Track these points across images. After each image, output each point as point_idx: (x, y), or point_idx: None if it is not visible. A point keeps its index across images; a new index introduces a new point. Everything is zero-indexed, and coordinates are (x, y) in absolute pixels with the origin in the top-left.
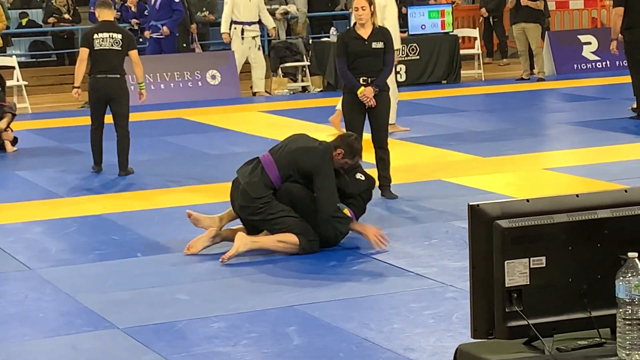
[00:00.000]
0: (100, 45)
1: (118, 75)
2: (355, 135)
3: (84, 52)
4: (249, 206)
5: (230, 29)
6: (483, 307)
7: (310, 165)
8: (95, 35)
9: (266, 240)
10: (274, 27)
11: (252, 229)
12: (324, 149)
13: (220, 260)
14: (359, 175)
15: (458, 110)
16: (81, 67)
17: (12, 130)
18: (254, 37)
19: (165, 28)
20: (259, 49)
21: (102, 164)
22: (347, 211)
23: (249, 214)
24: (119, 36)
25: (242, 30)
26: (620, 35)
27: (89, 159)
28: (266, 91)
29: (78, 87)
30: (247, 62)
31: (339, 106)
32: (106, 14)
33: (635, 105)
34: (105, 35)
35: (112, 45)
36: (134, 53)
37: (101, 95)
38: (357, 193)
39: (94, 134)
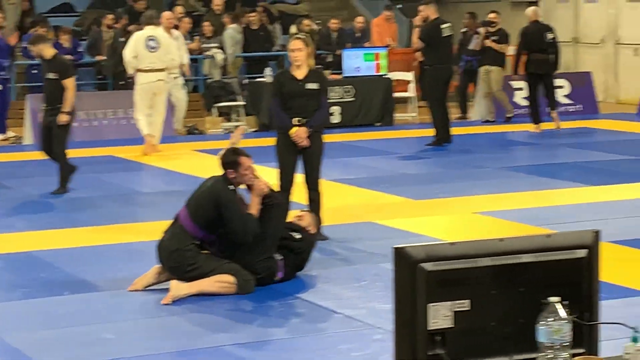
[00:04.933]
0: None
1: None
2: (224, 150)
3: None
4: (178, 266)
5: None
6: (406, 349)
7: (212, 204)
8: None
9: (202, 284)
10: (187, 66)
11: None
12: (214, 181)
13: (162, 302)
14: (297, 235)
15: (391, 152)
16: None
17: None
18: (175, 77)
19: None
20: (181, 88)
21: None
22: (277, 277)
23: (184, 273)
24: None
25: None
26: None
27: (17, 194)
28: (197, 130)
29: None
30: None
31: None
32: None
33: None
34: None
35: None
36: None
37: None
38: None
39: None
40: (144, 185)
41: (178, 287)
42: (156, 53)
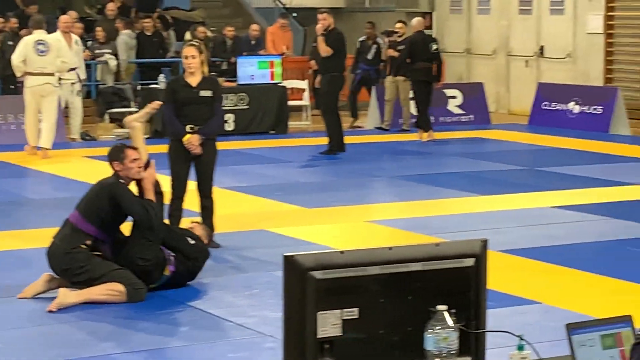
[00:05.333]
0: None
1: None
2: (113, 146)
3: None
4: (69, 268)
5: None
6: (295, 357)
7: (107, 198)
8: None
9: (91, 292)
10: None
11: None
12: (104, 179)
13: (47, 310)
14: (191, 241)
15: (285, 160)
16: None
17: None
18: (72, 83)
19: None
20: (77, 94)
21: None
22: (167, 271)
23: (74, 276)
24: None
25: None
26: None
27: None
28: (89, 136)
29: None
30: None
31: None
32: None
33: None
34: None
35: None
36: None
37: None
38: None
39: None
40: (33, 191)
41: (66, 295)
42: (46, 57)
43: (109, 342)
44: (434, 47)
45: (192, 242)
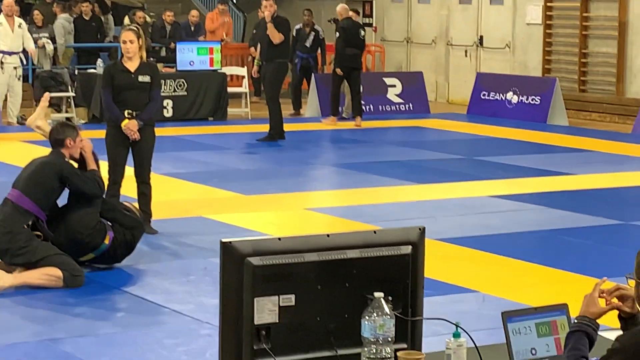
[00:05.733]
0: None
1: None
2: (56, 124)
3: None
4: (8, 248)
5: None
6: (232, 344)
7: (55, 176)
8: None
9: (29, 275)
10: (35, 51)
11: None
12: (49, 157)
13: None
14: (127, 212)
15: (223, 147)
16: None
17: None
18: (15, 68)
19: None
20: (19, 79)
21: None
22: (107, 239)
23: (13, 257)
24: None
25: (1, 61)
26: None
27: None
28: (25, 120)
29: None
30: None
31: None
32: None
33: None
34: None
35: None
36: None
37: None
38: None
39: None
40: None
41: (1, 278)
42: None
43: (43, 326)
44: (362, 33)
45: (127, 212)
